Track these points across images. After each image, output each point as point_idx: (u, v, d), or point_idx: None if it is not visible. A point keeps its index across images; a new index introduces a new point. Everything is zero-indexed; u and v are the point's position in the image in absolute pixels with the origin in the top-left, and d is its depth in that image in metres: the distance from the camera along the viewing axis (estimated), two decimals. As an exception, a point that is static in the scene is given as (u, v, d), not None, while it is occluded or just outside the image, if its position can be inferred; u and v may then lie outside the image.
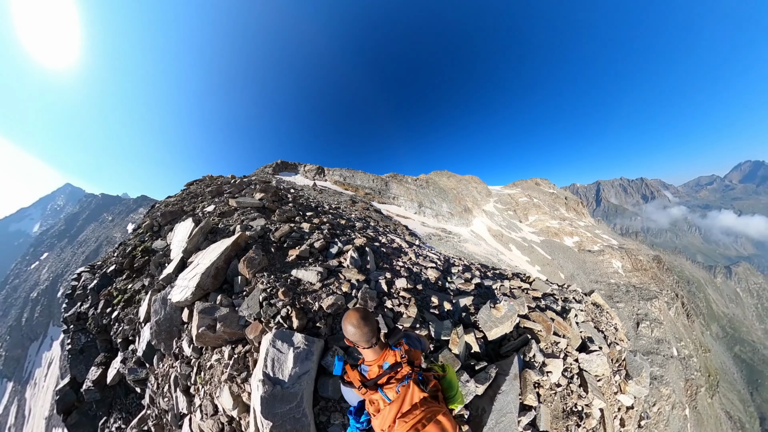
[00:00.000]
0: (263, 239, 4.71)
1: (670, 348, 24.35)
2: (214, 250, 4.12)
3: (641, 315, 26.41)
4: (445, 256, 6.75)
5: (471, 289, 4.18)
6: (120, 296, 5.22)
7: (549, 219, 42.61)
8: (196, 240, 4.84)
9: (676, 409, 20.11)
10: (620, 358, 3.65)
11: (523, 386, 2.35)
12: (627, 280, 31.61)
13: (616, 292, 29.08)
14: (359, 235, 6.07)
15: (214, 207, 6.62)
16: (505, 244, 34.45)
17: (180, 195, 9.46)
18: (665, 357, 23.15)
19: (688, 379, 24.36)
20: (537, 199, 47.08)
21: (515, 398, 2.22)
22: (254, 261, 3.77)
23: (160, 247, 5.75)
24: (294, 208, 7.11)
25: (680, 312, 31.01)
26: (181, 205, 7.77)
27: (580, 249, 37.37)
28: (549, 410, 2.29)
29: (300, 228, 5.40)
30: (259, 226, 5.11)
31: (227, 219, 5.80)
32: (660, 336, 24.77)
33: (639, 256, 35.18)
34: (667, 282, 34.05)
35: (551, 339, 3.23)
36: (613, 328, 4.52)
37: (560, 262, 33.33)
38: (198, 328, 3.05)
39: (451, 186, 41.78)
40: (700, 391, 25.28)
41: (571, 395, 2.55)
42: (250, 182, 9.85)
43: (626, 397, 3.17)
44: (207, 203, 7.29)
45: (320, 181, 31.79)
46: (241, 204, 6.37)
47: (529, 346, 2.74)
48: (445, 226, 32.80)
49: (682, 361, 24.82)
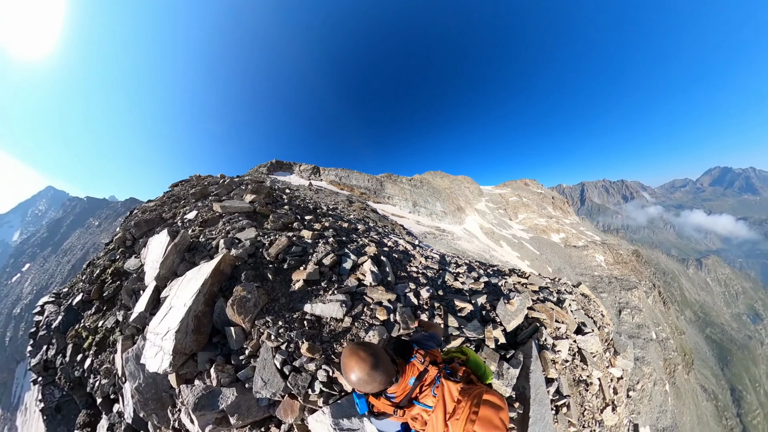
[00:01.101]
0: (255, 259, 3.68)
1: (650, 332, 25.95)
2: (191, 282, 3.14)
3: (623, 303, 27.92)
4: (441, 254, 6.81)
5: (482, 287, 4.37)
6: (90, 338, 4.08)
7: (537, 217, 44.16)
8: (171, 262, 3.80)
9: (657, 385, 21.71)
10: (608, 338, 4.32)
11: (544, 364, 2.91)
12: (609, 272, 33.26)
13: (600, 284, 30.54)
14: (366, 240, 5.46)
15: (197, 213, 5.50)
16: (497, 241, 35.45)
17: (160, 199, 7.93)
18: (645, 340, 24.75)
19: (666, 358, 26.10)
20: (526, 198, 48.62)
21: (541, 374, 2.75)
22: (248, 303, 2.72)
23: (134, 267, 4.64)
24: (291, 211, 6.18)
25: (657, 300, 32.90)
26: (159, 211, 6.51)
27: (566, 245, 38.92)
28: (565, 379, 2.89)
29: (300, 238, 4.47)
30: (249, 240, 4.03)
31: (210, 229, 4.75)
32: (640, 321, 26.36)
33: (620, 250, 37.07)
34: (645, 273, 36.01)
35: (554, 325, 3.84)
36: (599, 314, 5.15)
37: (548, 257, 34.62)
38: (203, 429, 2.26)
39: (445, 186, 42.17)
40: (678, 369, 27.09)
41: (576, 368, 3.17)
42: (241, 182, 8.48)
43: (616, 370, 3.83)
44: (189, 208, 6.10)
45: (316, 181, 30.65)
46: (227, 209, 5.29)
47: (540, 332, 3.31)
48: (439, 225, 32.87)
49: (660, 343, 26.58)
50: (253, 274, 3.33)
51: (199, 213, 5.50)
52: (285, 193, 10.12)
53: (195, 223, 5.06)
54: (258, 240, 4.15)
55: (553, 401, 2.79)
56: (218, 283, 3.16)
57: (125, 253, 5.33)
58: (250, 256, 3.75)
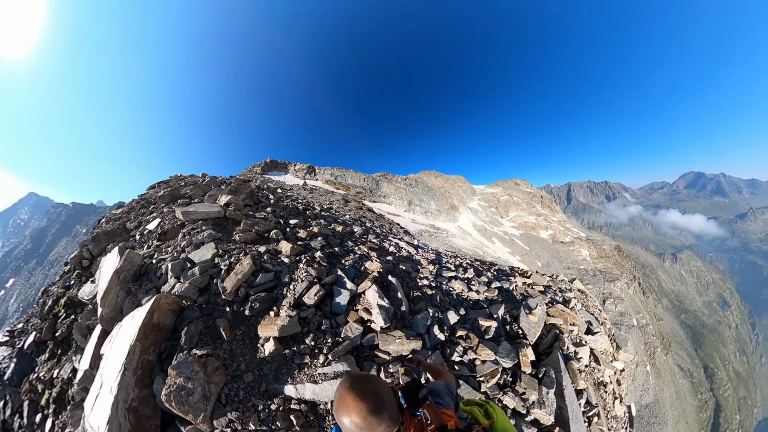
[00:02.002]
0: (208, 296, 2.73)
1: (631, 319, 27.78)
2: (122, 342, 2.11)
3: (606, 294, 29.44)
4: (437, 251, 6.47)
5: (496, 295, 4.01)
6: (47, 392, 3.09)
7: (527, 215, 45.44)
8: (114, 296, 2.93)
9: (639, 366, 23.51)
10: (611, 334, 4.74)
11: (572, 375, 2.86)
12: (594, 265, 34.79)
13: (585, 276, 31.91)
14: (365, 248, 4.41)
15: (159, 222, 4.52)
16: (489, 237, 36.24)
17: (129, 205, 6.73)
18: (628, 326, 26.62)
19: (646, 342, 27.82)
20: (516, 197, 49.83)
21: (571, 387, 2.63)
22: (191, 395, 1.73)
23: (89, 296, 3.67)
24: (273, 214, 5.10)
25: (637, 290, 34.76)
26: (124, 220, 5.50)
27: (553, 241, 40.32)
28: (592, 387, 3.04)
29: (275, 255, 3.35)
30: (201, 265, 3.01)
31: (168, 245, 3.80)
32: (623, 310, 28.07)
33: (603, 246, 38.89)
34: (626, 267, 37.97)
35: (568, 328, 4.10)
36: (597, 309, 5.20)
37: (537, 253, 35.81)
38: None
39: (439, 185, 42.23)
40: (657, 351, 28.97)
41: (594, 371, 3.49)
42: (223, 181, 7.23)
43: (619, 363, 4.26)
44: (156, 215, 5.05)
45: (311, 181, 29.56)
46: (190, 216, 4.19)
47: (561, 340, 3.25)
48: (434, 223, 32.98)
49: (641, 329, 28.31)
50: (201, 327, 2.21)
51: (162, 221, 4.45)
52: (274, 193, 8.63)
53: (153, 236, 4.09)
54: (214, 263, 3.03)
55: (584, 413, 2.66)
56: (154, 347, 2.03)
57: (81, 276, 4.18)
58: (201, 291, 2.63)
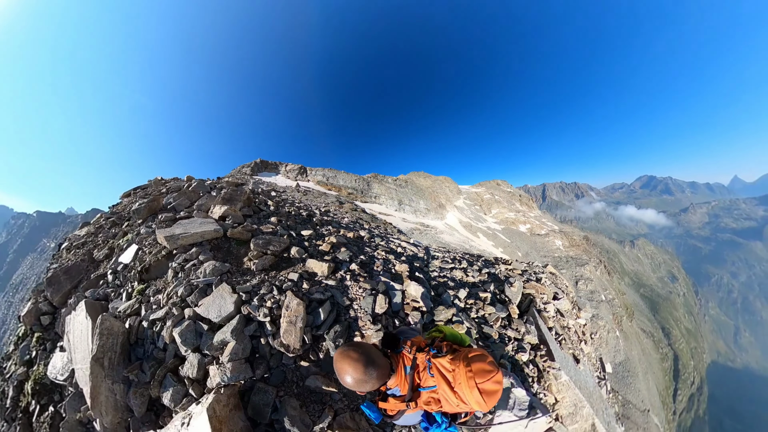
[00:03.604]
0: (263, 363, 2.20)
1: (600, 295, 31.49)
2: None
3: (578, 276, 32.60)
4: (426, 247, 6.96)
5: (486, 278, 4.94)
6: None
7: (507, 212, 48.26)
8: (108, 400, 2.11)
9: (610, 333, 27.36)
10: (573, 301, 6.04)
11: (544, 320, 4.21)
12: (566, 253, 37.93)
13: (560, 262, 34.79)
14: (384, 254, 4.36)
15: (137, 250, 3.24)
16: (474, 233, 38.10)
17: (96, 222, 5.07)
18: (598, 301, 30.37)
19: (614, 313, 31.82)
20: (498, 196, 52.61)
21: (545, 325, 3.93)
22: None
23: (63, 375, 2.49)
24: (280, 224, 4.29)
25: (603, 272, 38.48)
26: (92, 245, 4.03)
27: (531, 233, 43.25)
28: (558, 326, 4.41)
29: (314, 282, 2.77)
30: (225, 319, 2.27)
31: (157, 291, 2.70)
32: (593, 288, 31.54)
33: (573, 236, 42.61)
34: (594, 253, 41.71)
35: (540, 296, 5.37)
36: (564, 285, 6.89)
37: (517, 244, 38.34)
38: None
39: (427, 185, 42.64)
40: (623, 319, 33.24)
41: (559, 320, 4.72)
42: (213, 186, 5.95)
43: (581, 320, 5.54)
44: (131, 238, 3.66)
45: (303, 182, 28.40)
46: (178, 241, 3.02)
47: (534, 302, 4.63)
48: (423, 221, 33.04)
49: (608, 303, 32.32)
50: (296, 405, 1.92)
51: (140, 249, 3.20)
52: (270, 197, 7.74)
53: (132, 275, 2.85)
54: (245, 315, 2.25)
55: (555, 338, 4.19)
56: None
57: (44, 341, 2.82)
58: (250, 361, 2.06)
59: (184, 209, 4.41)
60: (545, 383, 2.95)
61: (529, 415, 2.14)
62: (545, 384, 2.95)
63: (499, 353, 3.10)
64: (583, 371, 3.92)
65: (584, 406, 2.98)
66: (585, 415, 2.95)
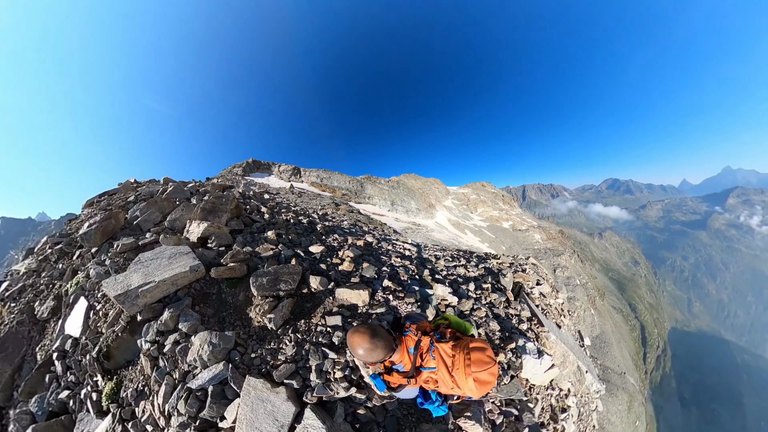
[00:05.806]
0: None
1: (575, 280, 34.40)
2: None
3: (556, 265, 35.15)
4: (419, 244, 7.33)
5: (483, 272, 5.41)
6: None
7: (492, 210, 50.54)
8: None
9: (586, 312, 30.79)
10: (552, 285, 7.21)
11: (531, 300, 5.13)
12: (544, 245, 40.54)
13: (539, 254, 37.17)
14: (399, 260, 4.43)
15: (86, 313, 2.20)
16: (462, 230, 39.60)
17: (41, 252, 3.47)
18: (573, 286, 33.32)
19: (588, 294, 34.98)
20: (483, 196, 54.87)
21: (534, 306, 4.85)
22: None
23: None
24: (280, 240, 3.43)
25: (577, 260, 41.52)
26: (31, 294, 2.72)
27: (513, 229, 45.68)
28: (542, 304, 5.46)
29: (357, 315, 2.27)
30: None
31: (130, 395, 1.83)
32: (569, 275, 34.33)
33: (550, 230, 45.53)
34: (568, 244, 44.99)
35: (527, 283, 6.44)
36: (544, 273, 8.07)
37: (501, 239, 40.47)
38: None
39: (418, 186, 43.41)
40: (596, 299, 36.82)
41: (542, 299, 5.80)
42: (194, 191, 4.80)
43: (560, 299, 6.68)
44: (76, 288, 2.42)
45: (297, 183, 26.76)
46: (139, 301, 1.94)
47: (524, 288, 5.58)
48: (415, 220, 33.41)
49: (583, 286, 35.34)
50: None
51: (91, 310, 2.19)
52: (264, 202, 6.47)
53: (88, 361, 1.89)
54: (325, 405, 1.72)
55: (542, 312, 5.13)
56: None
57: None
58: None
59: (150, 226, 3.08)
60: (541, 342, 4.02)
61: (540, 356, 3.33)
62: (541, 342, 4.01)
63: (510, 326, 4.04)
64: (564, 333, 5.04)
65: (569, 354, 4.10)
66: (571, 361, 4.10)
